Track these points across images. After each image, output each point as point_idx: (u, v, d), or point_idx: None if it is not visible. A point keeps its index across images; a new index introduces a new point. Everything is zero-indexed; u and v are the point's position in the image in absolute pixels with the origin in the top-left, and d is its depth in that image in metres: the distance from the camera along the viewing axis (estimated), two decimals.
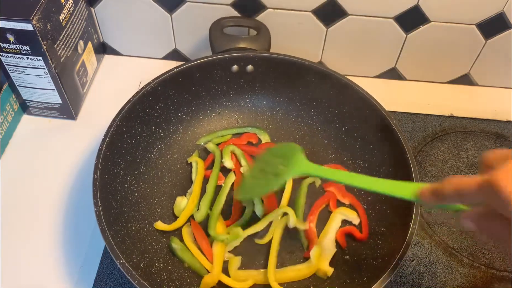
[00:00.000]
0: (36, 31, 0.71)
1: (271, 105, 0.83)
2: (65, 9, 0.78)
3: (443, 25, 0.85)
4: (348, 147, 0.79)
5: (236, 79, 0.80)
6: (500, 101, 0.94)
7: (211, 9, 0.85)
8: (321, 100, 0.80)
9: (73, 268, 0.70)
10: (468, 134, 0.87)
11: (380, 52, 0.91)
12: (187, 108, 0.80)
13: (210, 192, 0.73)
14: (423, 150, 0.85)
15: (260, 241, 0.70)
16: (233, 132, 0.81)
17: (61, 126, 0.86)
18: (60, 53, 0.78)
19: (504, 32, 0.85)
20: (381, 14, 0.84)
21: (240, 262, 0.68)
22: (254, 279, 0.66)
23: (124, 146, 0.70)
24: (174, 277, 0.65)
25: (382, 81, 0.96)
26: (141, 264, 0.62)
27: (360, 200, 0.74)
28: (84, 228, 0.73)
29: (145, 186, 0.73)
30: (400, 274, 0.70)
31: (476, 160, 0.84)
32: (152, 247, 0.67)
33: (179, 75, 0.75)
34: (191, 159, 0.77)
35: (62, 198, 0.77)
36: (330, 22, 0.87)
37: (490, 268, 0.71)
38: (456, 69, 0.94)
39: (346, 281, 0.66)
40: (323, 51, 0.92)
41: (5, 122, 0.81)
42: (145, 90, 0.72)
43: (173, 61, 0.97)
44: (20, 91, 0.82)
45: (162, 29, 0.91)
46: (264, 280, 0.66)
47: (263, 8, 0.85)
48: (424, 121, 0.89)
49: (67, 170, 0.80)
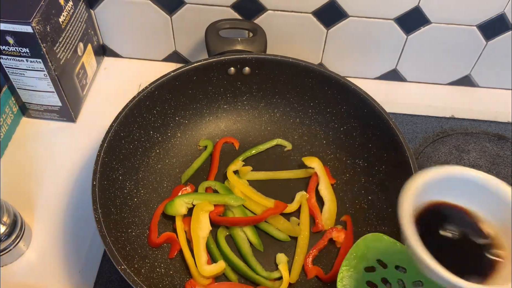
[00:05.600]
0: (35, 34, 0.71)
1: (269, 106, 0.83)
2: (64, 11, 0.78)
3: (444, 27, 0.85)
4: (347, 146, 0.79)
5: (233, 82, 0.80)
6: (501, 102, 0.93)
7: (211, 11, 0.85)
8: (319, 101, 0.80)
9: (73, 271, 0.69)
10: (469, 136, 0.87)
11: (380, 53, 0.91)
12: (185, 112, 0.79)
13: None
14: (424, 151, 0.84)
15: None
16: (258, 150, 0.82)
17: (60, 129, 0.86)
18: (60, 55, 0.78)
19: (505, 33, 0.85)
20: (382, 15, 0.84)
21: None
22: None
23: (122, 151, 0.70)
24: (176, 282, 0.65)
25: (383, 83, 0.96)
26: (142, 270, 0.62)
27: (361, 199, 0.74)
28: (84, 231, 0.73)
29: (144, 191, 0.73)
30: None
31: (477, 162, 0.83)
32: (153, 252, 0.67)
33: (176, 79, 0.74)
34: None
35: (61, 201, 0.76)
36: (331, 24, 0.86)
37: None
38: (457, 70, 0.94)
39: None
40: (323, 53, 0.92)
41: (4, 125, 0.81)
42: (142, 95, 0.71)
43: (173, 63, 0.97)
44: (20, 94, 0.82)
45: (162, 31, 0.91)
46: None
47: (263, 10, 0.85)
48: (425, 123, 0.88)
49: (67, 172, 0.80)
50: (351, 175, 0.77)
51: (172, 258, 0.68)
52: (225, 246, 0.69)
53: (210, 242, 0.69)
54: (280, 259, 0.69)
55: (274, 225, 0.72)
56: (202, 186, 0.75)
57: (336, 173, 0.78)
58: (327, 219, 0.73)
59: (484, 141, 0.87)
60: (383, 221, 0.70)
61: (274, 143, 0.82)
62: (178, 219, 0.71)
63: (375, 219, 0.71)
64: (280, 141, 0.82)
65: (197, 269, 0.66)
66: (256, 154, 0.81)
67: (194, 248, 0.67)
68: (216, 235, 0.70)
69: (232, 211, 0.71)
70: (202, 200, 0.71)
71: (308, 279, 0.68)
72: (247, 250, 0.69)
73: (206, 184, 0.75)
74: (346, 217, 0.73)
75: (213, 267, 0.66)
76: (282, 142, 0.82)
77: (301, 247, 0.70)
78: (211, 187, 0.75)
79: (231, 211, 0.71)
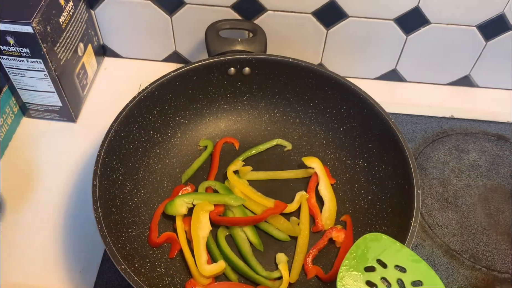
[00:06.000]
0: (36, 34, 0.71)
1: (269, 107, 0.83)
2: (65, 11, 0.78)
3: (443, 27, 0.85)
4: (347, 146, 0.79)
5: (233, 82, 0.80)
6: (500, 102, 0.93)
7: (211, 11, 0.85)
8: (319, 101, 0.80)
9: (74, 271, 0.70)
10: (469, 136, 0.87)
11: (380, 54, 0.91)
12: (185, 112, 0.79)
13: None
14: (423, 151, 0.85)
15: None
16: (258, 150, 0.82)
17: (61, 129, 0.86)
18: (60, 55, 0.78)
19: (505, 33, 0.85)
20: (382, 16, 0.84)
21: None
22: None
23: (123, 151, 0.70)
24: (176, 281, 0.66)
25: (382, 83, 0.96)
26: (143, 270, 0.62)
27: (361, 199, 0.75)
28: (84, 231, 0.73)
29: (145, 191, 0.73)
30: None
31: (477, 162, 0.84)
32: (153, 252, 0.67)
33: (176, 79, 0.74)
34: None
35: (62, 200, 0.77)
36: (330, 24, 0.86)
37: (492, 270, 0.71)
38: (457, 70, 0.94)
39: None
40: (323, 53, 0.92)
41: (4, 125, 0.81)
42: (142, 95, 0.71)
43: (173, 64, 0.97)
44: (20, 94, 0.82)
45: (162, 32, 0.91)
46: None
47: (263, 10, 0.85)
48: (425, 123, 0.89)
49: (67, 172, 0.80)
50: (351, 175, 0.77)
51: (172, 258, 0.68)
52: (225, 246, 0.69)
53: (210, 242, 0.69)
54: (280, 259, 0.69)
55: (274, 225, 0.72)
56: (202, 186, 0.75)
57: (336, 173, 0.78)
58: (327, 218, 0.73)
59: (483, 141, 0.87)
60: (383, 221, 0.70)
61: (274, 143, 0.82)
62: (178, 218, 0.71)
63: (375, 219, 0.71)
64: (280, 142, 0.82)
65: (197, 269, 0.66)
66: (256, 154, 0.81)
67: (194, 248, 0.67)
68: (216, 235, 0.70)
69: (232, 211, 0.71)
70: (202, 200, 0.71)
71: (308, 279, 0.68)
72: (247, 250, 0.69)
73: (206, 184, 0.75)
74: (346, 217, 0.73)
75: (213, 267, 0.66)
76: (282, 142, 0.82)
77: (301, 246, 0.70)
78: (211, 187, 0.75)
79: (231, 211, 0.71)
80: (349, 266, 0.56)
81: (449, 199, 0.79)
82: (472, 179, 0.82)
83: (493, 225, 0.76)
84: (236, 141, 0.82)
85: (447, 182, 0.81)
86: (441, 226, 0.76)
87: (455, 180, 0.81)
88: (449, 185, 0.81)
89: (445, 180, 0.81)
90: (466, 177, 0.82)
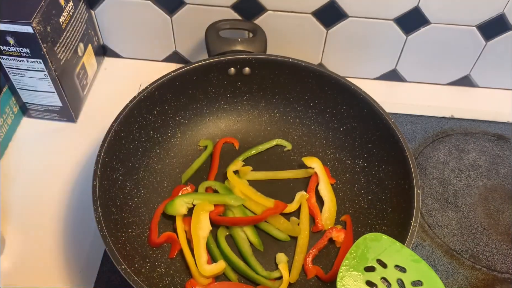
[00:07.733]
0: (36, 34, 0.71)
1: (269, 107, 0.83)
2: (65, 11, 0.78)
3: (443, 27, 0.85)
4: (347, 146, 0.79)
5: (233, 82, 0.80)
6: (500, 102, 0.93)
7: (211, 11, 0.85)
8: (319, 101, 0.80)
9: (73, 271, 0.70)
10: (469, 136, 0.87)
11: (380, 54, 0.91)
12: (185, 112, 0.79)
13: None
14: (423, 151, 0.85)
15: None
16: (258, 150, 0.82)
17: (61, 129, 0.86)
18: (60, 55, 0.78)
19: (505, 33, 0.85)
20: (381, 16, 0.84)
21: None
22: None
23: (123, 152, 0.70)
24: (176, 281, 0.66)
25: (382, 83, 0.96)
26: (143, 270, 0.62)
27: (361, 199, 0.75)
28: (84, 231, 0.73)
29: (145, 191, 0.73)
30: None
31: (477, 162, 0.84)
32: (153, 252, 0.67)
33: (176, 79, 0.74)
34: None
35: (62, 201, 0.77)
36: (330, 24, 0.86)
37: (492, 270, 0.71)
38: (457, 70, 0.94)
39: None
40: (323, 53, 0.92)
41: (4, 125, 0.81)
42: (142, 95, 0.71)
43: (173, 64, 0.97)
44: (20, 94, 0.82)
45: (162, 32, 0.91)
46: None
47: (263, 10, 0.85)
48: (425, 123, 0.89)
49: (67, 172, 0.80)
50: (351, 175, 0.77)
51: (172, 258, 0.68)
52: (225, 246, 0.69)
53: (210, 241, 0.69)
54: (280, 259, 0.69)
55: (274, 225, 0.72)
56: (202, 186, 0.75)
57: (336, 173, 0.78)
58: (327, 218, 0.73)
59: (483, 141, 0.87)
60: (383, 221, 0.70)
61: (274, 143, 0.82)
62: (178, 218, 0.71)
63: (375, 219, 0.72)
64: (280, 142, 0.82)
65: (197, 269, 0.66)
66: (256, 154, 0.81)
67: (194, 248, 0.67)
68: (216, 235, 0.70)
69: (232, 211, 0.71)
70: (202, 200, 0.71)
71: (308, 279, 0.68)
72: (247, 250, 0.70)
73: (206, 184, 0.75)
74: (346, 217, 0.73)
75: (213, 267, 0.66)
76: (282, 142, 0.82)
77: (301, 246, 0.70)
78: (211, 187, 0.75)
79: (231, 211, 0.71)
80: (349, 266, 0.56)
81: (449, 199, 0.79)
82: (472, 179, 0.82)
83: (493, 225, 0.76)
84: (236, 142, 0.82)
85: (447, 182, 0.81)
86: (441, 226, 0.76)
87: (455, 180, 0.81)
88: (449, 185, 0.81)
89: (445, 180, 0.81)
90: (466, 177, 0.82)
